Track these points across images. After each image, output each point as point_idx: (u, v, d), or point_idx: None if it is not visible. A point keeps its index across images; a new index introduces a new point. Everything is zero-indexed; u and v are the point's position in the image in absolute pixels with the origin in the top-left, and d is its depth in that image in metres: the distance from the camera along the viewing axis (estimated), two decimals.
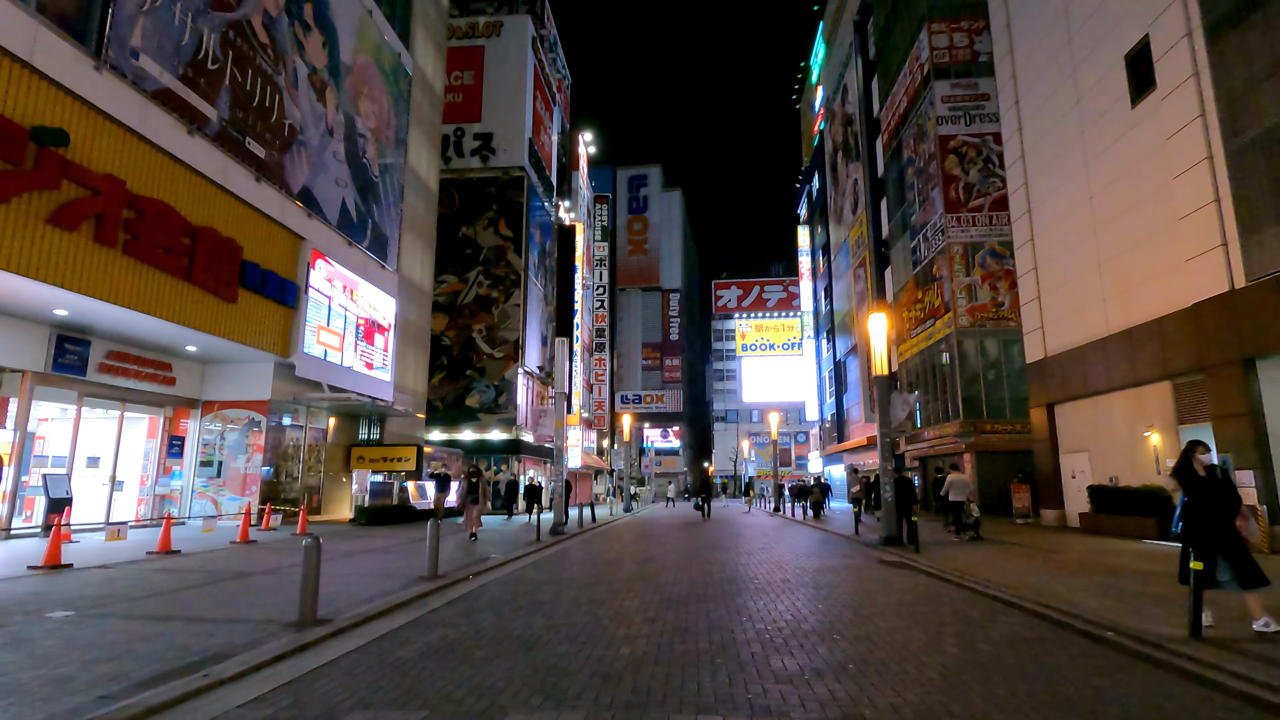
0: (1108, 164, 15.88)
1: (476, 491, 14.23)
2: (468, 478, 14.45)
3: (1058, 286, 18.20)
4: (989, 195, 24.84)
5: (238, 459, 17.67)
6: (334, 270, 19.15)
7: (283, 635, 5.41)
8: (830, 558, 11.63)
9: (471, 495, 14.26)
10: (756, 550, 12.73)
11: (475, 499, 14.21)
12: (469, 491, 14.30)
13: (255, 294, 15.96)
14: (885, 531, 13.61)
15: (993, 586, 8.07)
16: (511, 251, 32.37)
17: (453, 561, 10.26)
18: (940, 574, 9.34)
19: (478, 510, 14.27)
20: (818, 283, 52.20)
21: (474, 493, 14.26)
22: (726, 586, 8.06)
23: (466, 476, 14.53)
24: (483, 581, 8.68)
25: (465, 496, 14.38)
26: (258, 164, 15.94)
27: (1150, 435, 14.73)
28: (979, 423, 23.44)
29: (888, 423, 14.10)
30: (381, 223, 22.34)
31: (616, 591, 7.69)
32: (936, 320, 26.03)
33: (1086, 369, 16.80)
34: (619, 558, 11.40)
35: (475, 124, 33.82)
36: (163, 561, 9.96)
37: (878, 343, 14.38)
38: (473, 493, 14.26)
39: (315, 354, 18.17)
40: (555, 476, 17.26)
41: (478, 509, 14.27)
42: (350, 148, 20.23)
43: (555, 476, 17.26)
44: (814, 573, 9.50)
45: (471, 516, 14.33)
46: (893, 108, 31.12)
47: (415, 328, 25.90)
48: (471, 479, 14.34)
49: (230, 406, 17.84)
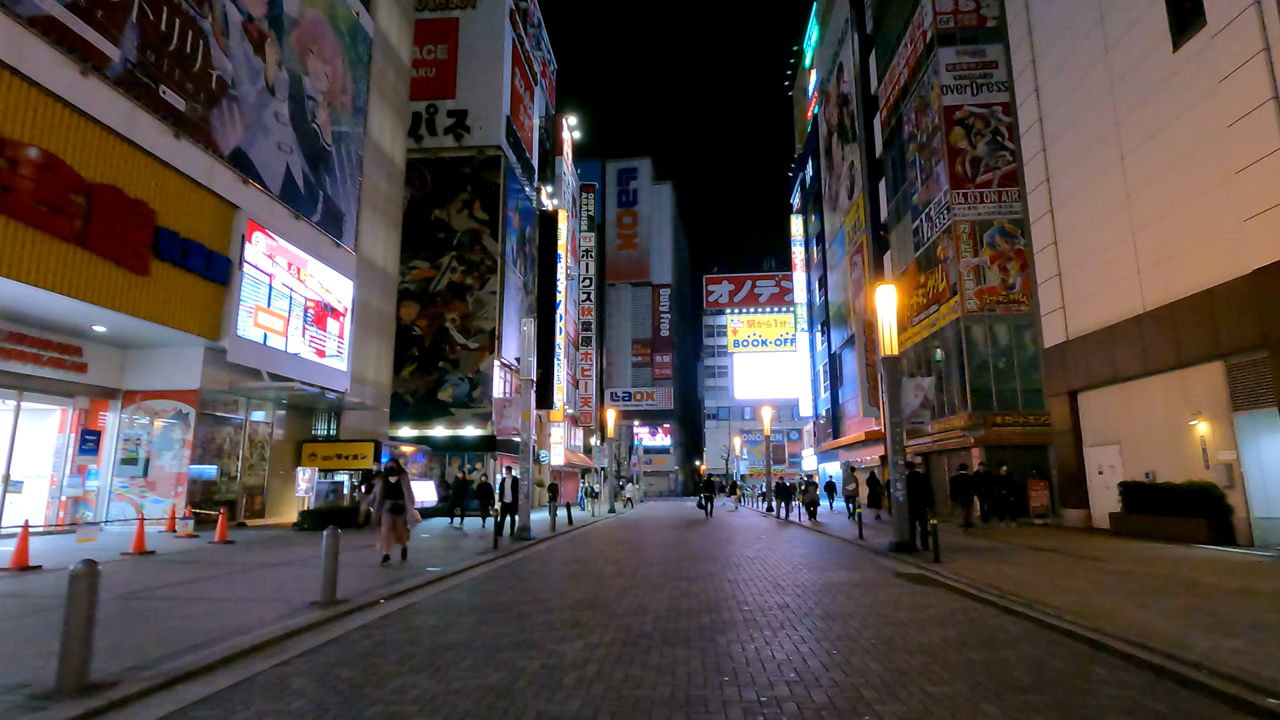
0: (1143, 119, 14.06)
1: (400, 495, 9.92)
2: (384, 477, 10.10)
3: (1082, 261, 16.39)
4: (998, 170, 23.02)
5: (162, 456, 15.63)
6: (276, 245, 17.12)
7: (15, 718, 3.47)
8: (835, 570, 9.73)
9: (392, 500, 9.91)
10: (747, 561, 10.81)
11: (399, 506, 9.92)
12: (386, 495, 9.94)
13: (175, 267, 13.93)
14: (896, 536, 11.74)
15: (1053, 612, 6.19)
16: (487, 235, 30.35)
17: (373, 579, 8.30)
18: (977, 592, 7.46)
19: (405, 521, 10.02)
20: (811, 274, 50.37)
21: (395, 496, 9.94)
22: (706, 618, 6.13)
23: (383, 476, 10.13)
24: (392, 608, 6.72)
25: (379, 502, 9.99)
26: (176, 117, 13.89)
27: (1196, 424, 12.91)
28: (989, 414, 21.62)
29: (898, 411, 12.22)
30: (336, 196, 20.30)
31: (558, 627, 5.74)
32: (941, 305, 24.21)
33: (1116, 352, 14.99)
34: (581, 572, 9.46)
35: (449, 101, 31.75)
36: (8, 582, 7.95)
37: (886, 318, 12.49)
38: (393, 496, 9.92)
39: (252, 338, 16.14)
40: (522, 474, 15.21)
41: (404, 519, 10.01)
42: (296, 110, 18.19)
43: (522, 474, 15.21)
44: (819, 593, 7.58)
45: (393, 531, 9.91)
46: (892, 81, 29.28)
47: (378, 314, 23.87)
48: (390, 478, 10.01)
49: (155, 397, 15.79)
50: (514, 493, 14.40)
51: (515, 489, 14.47)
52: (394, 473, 10.17)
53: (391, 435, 27.01)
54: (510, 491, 14.59)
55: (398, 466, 10.29)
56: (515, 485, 14.59)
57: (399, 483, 10.07)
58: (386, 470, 10.29)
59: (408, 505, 10.06)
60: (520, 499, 15.05)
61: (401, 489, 10.04)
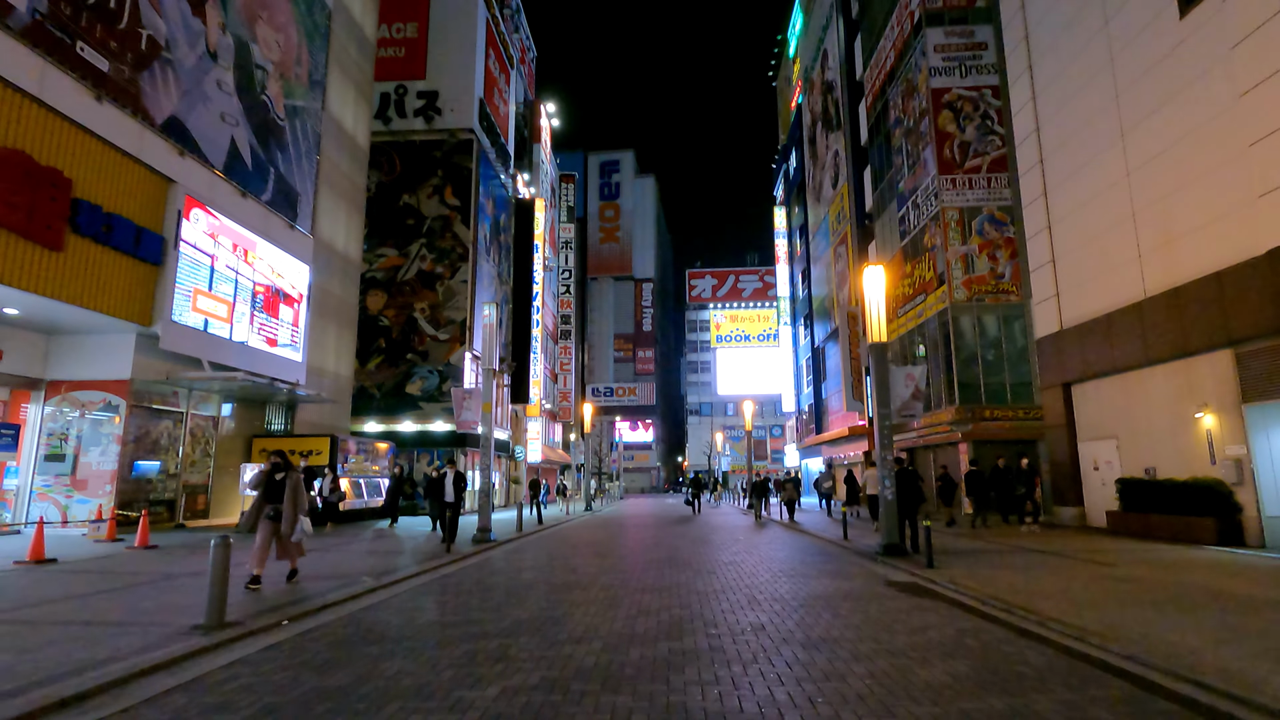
0: (1146, 92, 13.20)
1: (279, 496, 7.68)
2: (268, 474, 7.79)
3: (1078, 246, 15.55)
4: (987, 155, 22.19)
5: (90, 452, 14.33)
6: (220, 224, 15.82)
7: None
8: (819, 578, 8.74)
9: (270, 504, 7.68)
10: (721, 567, 9.79)
11: (275, 512, 7.67)
12: (267, 496, 7.71)
13: (97, 244, 12.63)
14: (885, 538, 10.80)
15: (1075, 633, 5.23)
16: (458, 222, 29.07)
17: (291, 594, 7.18)
18: (981, 606, 6.49)
19: (290, 528, 7.70)
20: (794, 267, 49.55)
21: (273, 499, 7.69)
22: (664, 646, 5.07)
23: (268, 473, 7.80)
24: (288, 634, 5.61)
25: (258, 507, 7.73)
26: (98, 79, 12.58)
27: (1202, 417, 12.09)
28: (977, 408, 20.80)
29: (887, 403, 11.27)
30: (290, 175, 18.99)
31: (479, 661, 4.66)
32: (928, 295, 23.37)
33: (1114, 341, 14.16)
34: (532, 582, 8.37)
35: (419, 82, 30.37)
36: None
37: (874, 301, 11.53)
38: (273, 499, 7.69)
39: (190, 324, 14.86)
40: (482, 469, 14.06)
41: (295, 526, 7.75)
42: (243, 79, 16.87)
43: (482, 469, 14.06)
44: (801, 609, 6.57)
45: (271, 546, 7.70)
46: (878, 65, 28.38)
47: (339, 302, 22.57)
48: (275, 474, 7.79)
49: (82, 387, 14.47)
50: (456, 491, 12.95)
51: (459, 487, 13.01)
52: (280, 469, 7.89)
53: (356, 430, 25.74)
54: (453, 490, 13.04)
55: (285, 462, 8.00)
56: (459, 482, 13.05)
57: (284, 482, 7.80)
58: (271, 466, 7.88)
59: (287, 512, 7.65)
60: (480, 498, 13.92)
61: (285, 491, 7.73)
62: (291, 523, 7.74)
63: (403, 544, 12.81)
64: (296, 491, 7.81)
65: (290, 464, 8.06)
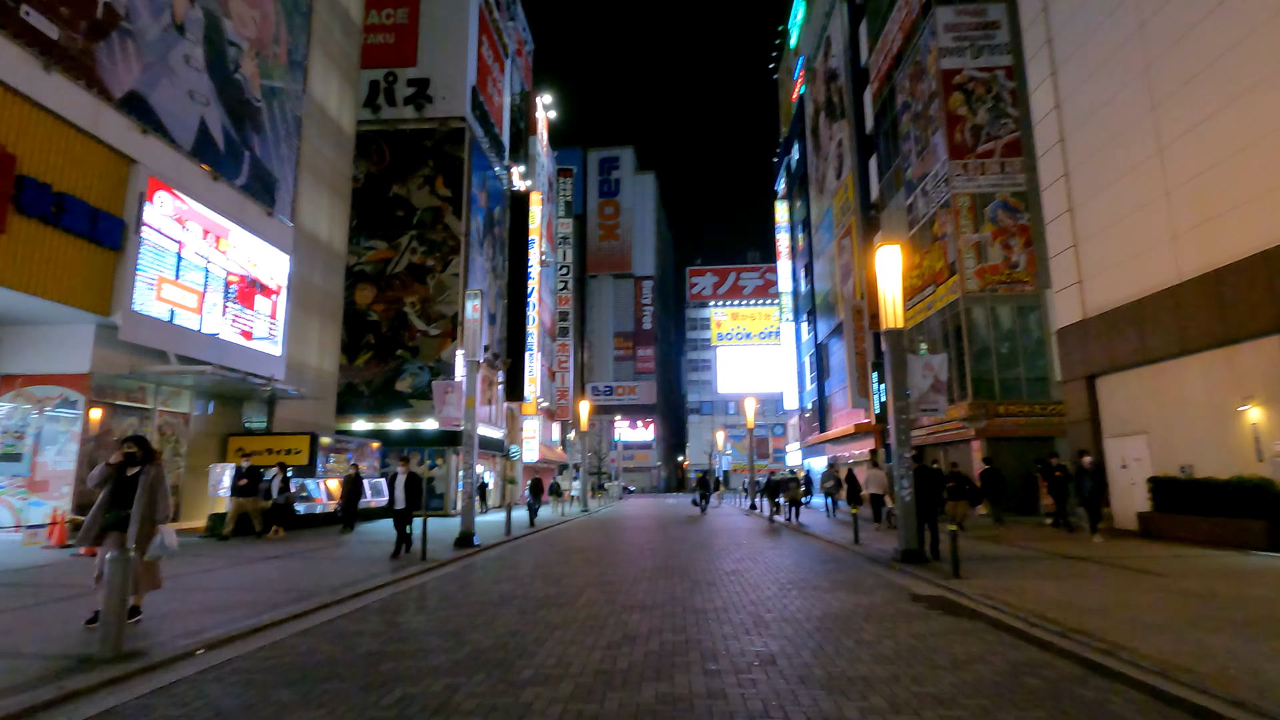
0: (1181, 59, 12.19)
1: (128, 498, 5.63)
2: (117, 468, 5.76)
3: (1102, 229, 14.54)
4: (1000, 139, 21.19)
5: (46, 451, 13.36)
6: (188, 208, 14.85)
7: None
8: (833, 590, 7.75)
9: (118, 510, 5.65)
10: (723, 578, 8.78)
11: (123, 519, 5.62)
12: (113, 499, 5.68)
13: (46, 225, 11.66)
14: (903, 543, 9.81)
15: (1151, 665, 4.25)
16: (450, 213, 28.07)
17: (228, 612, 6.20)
18: (1029, 629, 5.51)
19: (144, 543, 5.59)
20: (797, 261, 48.52)
21: (123, 502, 5.65)
22: (650, 690, 4.02)
23: (116, 466, 5.76)
24: (198, 667, 4.63)
25: (99, 510, 5.69)
26: (46, 46, 11.60)
27: (1246, 410, 11.08)
28: (991, 404, 19.81)
29: (904, 395, 10.28)
30: (267, 159, 18.00)
31: (412, 713, 3.67)
32: (938, 286, 22.38)
33: (1145, 329, 13.16)
34: (507, 597, 7.36)
35: (409, 69, 29.35)
36: None
37: (889, 285, 10.54)
38: (119, 503, 5.65)
39: (154, 314, 13.89)
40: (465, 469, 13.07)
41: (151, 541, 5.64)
42: (214, 56, 15.89)
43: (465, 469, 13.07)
44: (817, 633, 5.57)
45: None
46: (884, 49, 27.36)
47: (323, 294, 21.60)
48: (127, 470, 5.75)
49: (38, 382, 13.49)
50: (408, 495, 11.18)
51: (412, 491, 11.25)
52: (135, 461, 5.70)
53: (343, 429, 24.78)
54: (403, 494, 11.21)
55: (144, 450, 5.81)
56: (412, 485, 11.30)
57: (136, 478, 5.60)
58: (124, 457, 5.76)
59: (134, 521, 5.50)
60: (463, 499, 12.92)
61: (138, 490, 5.55)
62: (145, 536, 5.52)
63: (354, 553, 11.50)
64: (153, 492, 5.63)
65: (151, 453, 5.85)
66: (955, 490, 12.15)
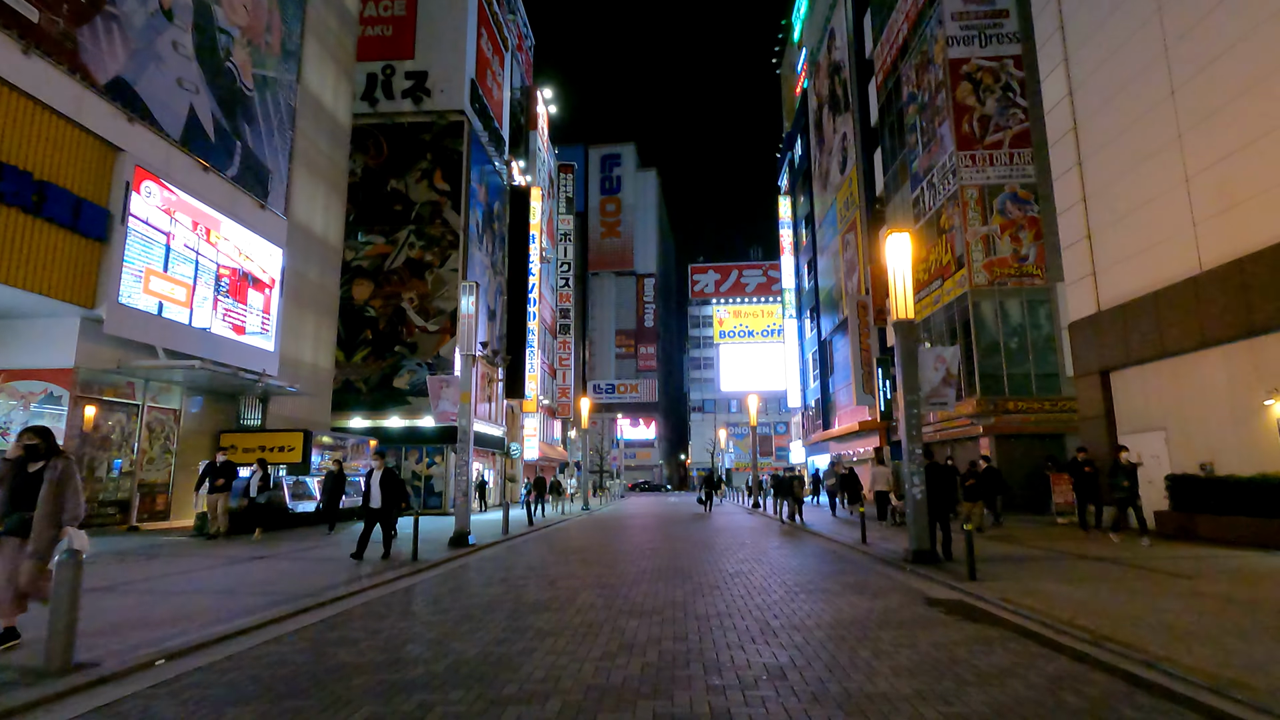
0: (1202, 41, 11.74)
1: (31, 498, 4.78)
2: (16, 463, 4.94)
3: (1117, 219, 14.10)
4: (1009, 129, 20.74)
5: None
6: (177, 199, 14.47)
7: None
8: (843, 594, 7.33)
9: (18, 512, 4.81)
10: (725, 581, 8.37)
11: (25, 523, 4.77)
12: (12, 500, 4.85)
13: (26, 214, 11.29)
14: (914, 543, 9.39)
15: (1201, 681, 3.85)
16: (449, 208, 27.67)
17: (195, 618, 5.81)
18: (1058, 638, 5.10)
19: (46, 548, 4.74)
20: (800, 258, 48.06)
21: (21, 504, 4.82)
22: (650, 708, 3.61)
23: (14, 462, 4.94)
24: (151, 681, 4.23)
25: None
26: (26, 28, 11.22)
27: (1272, 405, 10.65)
28: (1000, 400, 19.37)
29: (915, 389, 9.86)
30: (260, 150, 17.61)
31: None
32: (945, 280, 21.94)
33: (1162, 321, 12.72)
34: (497, 601, 6.96)
35: (407, 61, 28.94)
36: None
37: (899, 274, 10.12)
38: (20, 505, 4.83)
39: (141, 306, 13.52)
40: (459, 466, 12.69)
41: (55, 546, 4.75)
42: (204, 43, 15.50)
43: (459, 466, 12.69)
44: (830, 641, 5.15)
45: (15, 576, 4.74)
46: (890, 40, 26.90)
47: (318, 289, 21.21)
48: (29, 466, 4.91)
49: (22, 376, 13.13)
50: (385, 494, 10.40)
51: (389, 489, 10.44)
52: (37, 455, 4.94)
53: (339, 426, 24.41)
54: (379, 493, 10.42)
55: (48, 444, 5.00)
56: (390, 483, 10.49)
57: (40, 475, 4.83)
58: (25, 450, 4.95)
59: (37, 523, 4.74)
60: (458, 498, 12.53)
61: (44, 487, 4.77)
62: (49, 541, 4.75)
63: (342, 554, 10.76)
64: (60, 489, 4.83)
65: (55, 447, 5.04)
66: (972, 490, 11.71)
